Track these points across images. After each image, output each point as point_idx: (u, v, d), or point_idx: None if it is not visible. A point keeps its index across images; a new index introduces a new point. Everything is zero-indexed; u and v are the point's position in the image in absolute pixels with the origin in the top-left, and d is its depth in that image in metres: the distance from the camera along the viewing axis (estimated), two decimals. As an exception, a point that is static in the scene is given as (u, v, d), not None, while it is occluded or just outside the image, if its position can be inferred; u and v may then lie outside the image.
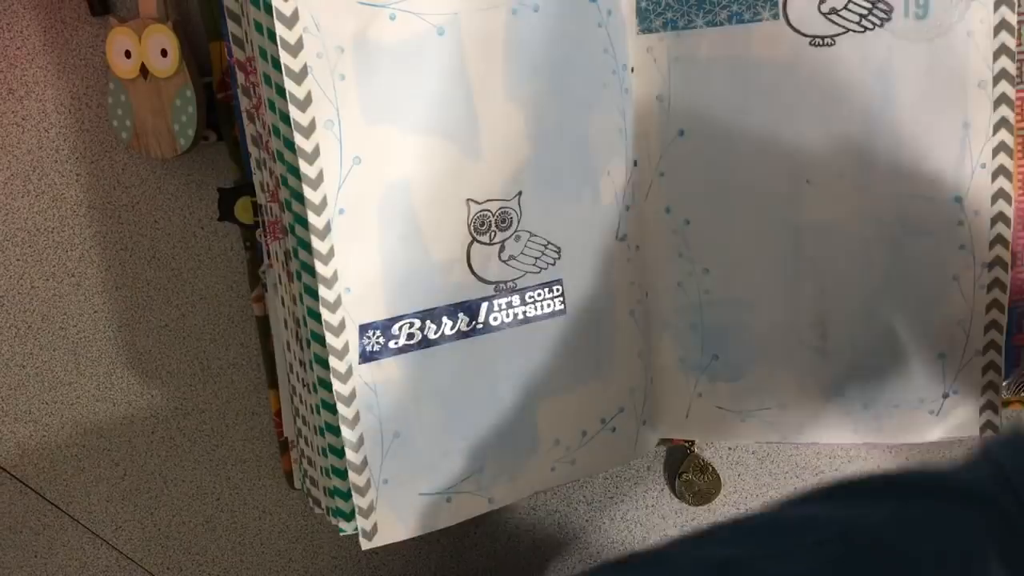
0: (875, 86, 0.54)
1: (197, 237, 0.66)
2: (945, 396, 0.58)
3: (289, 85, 0.48)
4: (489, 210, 0.53)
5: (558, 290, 0.56)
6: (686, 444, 0.68)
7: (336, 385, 0.51)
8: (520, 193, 0.54)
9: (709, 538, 0.42)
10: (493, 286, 0.55)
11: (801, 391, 0.59)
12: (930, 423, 0.58)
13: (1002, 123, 0.54)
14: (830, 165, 0.55)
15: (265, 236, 0.56)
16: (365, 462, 0.53)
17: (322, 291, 0.50)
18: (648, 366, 0.61)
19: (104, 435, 0.72)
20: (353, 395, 0.52)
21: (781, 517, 0.43)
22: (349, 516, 0.54)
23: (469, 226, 0.53)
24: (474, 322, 0.54)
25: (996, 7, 0.53)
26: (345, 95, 0.49)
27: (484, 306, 0.54)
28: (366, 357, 0.52)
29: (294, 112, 0.48)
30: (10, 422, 0.72)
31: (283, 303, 0.55)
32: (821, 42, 0.54)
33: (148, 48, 0.59)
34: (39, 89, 0.64)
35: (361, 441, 0.53)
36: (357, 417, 0.52)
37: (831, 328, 0.58)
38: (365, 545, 0.54)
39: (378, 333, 0.52)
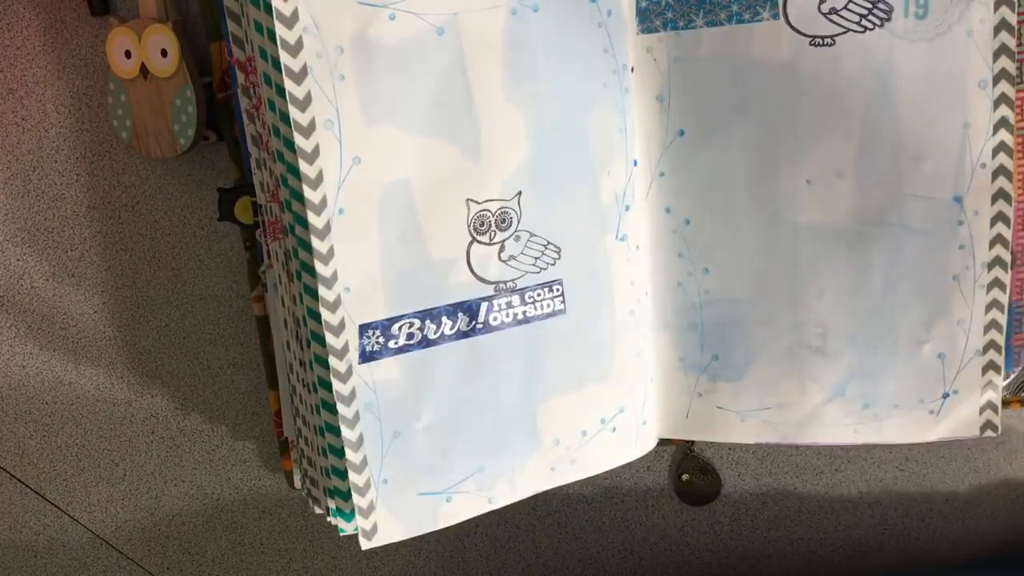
0: (875, 86, 0.54)
1: (197, 237, 0.66)
2: (945, 396, 0.58)
3: (289, 85, 0.48)
4: (489, 210, 0.53)
5: (558, 290, 0.56)
6: (686, 444, 0.68)
7: (336, 385, 0.51)
8: (520, 193, 0.54)
9: None
10: (493, 286, 0.55)
11: (801, 391, 0.59)
12: (930, 423, 0.58)
13: (1002, 123, 0.54)
14: (830, 165, 0.55)
15: (265, 236, 0.56)
16: (365, 462, 0.53)
17: (322, 291, 0.50)
18: (648, 366, 0.61)
19: (104, 435, 0.72)
20: (353, 395, 0.52)
21: None
22: (349, 516, 0.54)
23: (469, 226, 0.53)
24: (474, 322, 0.54)
25: (996, 7, 0.53)
26: (345, 95, 0.49)
27: (484, 306, 0.54)
28: (366, 357, 0.52)
29: (294, 112, 0.48)
30: (10, 422, 0.72)
31: (283, 303, 0.56)
32: (821, 42, 0.54)
33: (148, 48, 0.59)
34: (39, 89, 0.64)
35: (361, 441, 0.53)
36: (357, 417, 0.52)
37: (831, 328, 0.58)
38: (365, 545, 0.54)
39: (378, 333, 0.52)
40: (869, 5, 0.53)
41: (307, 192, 0.49)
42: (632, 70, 0.57)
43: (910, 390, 0.58)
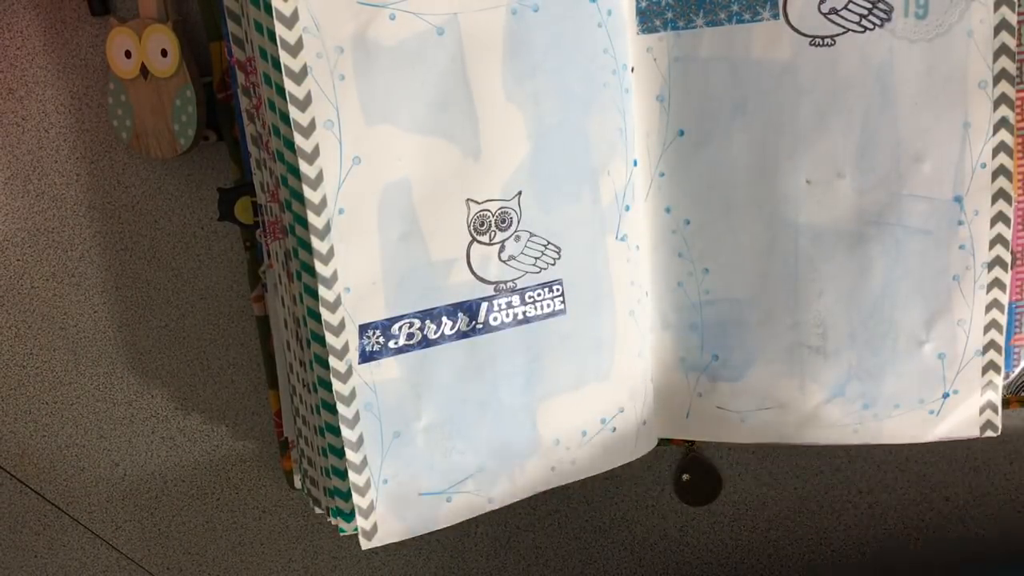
0: (875, 86, 0.54)
1: (197, 237, 0.66)
2: (945, 396, 0.58)
3: (289, 85, 0.48)
4: (489, 210, 0.53)
5: (558, 290, 0.56)
6: (686, 444, 0.68)
7: (336, 385, 0.51)
8: (520, 193, 0.54)
9: None
10: (493, 286, 0.55)
11: (801, 391, 0.59)
12: (930, 423, 0.58)
13: (1002, 123, 0.54)
14: (830, 165, 0.55)
15: (265, 236, 0.56)
16: (365, 462, 0.53)
17: (322, 291, 0.50)
18: (648, 366, 0.61)
19: (104, 435, 0.72)
20: (353, 395, 0.52)
21: None
22: (349, 516, 0.54)
23: (469, 226, 0.53)
24: (474, 322, 0.54)
25: (996, 7, 0.53)
26: (345, 95, 0.49)
27: (484, 306, 0.54)
28: (366, 357, 0.52)
29: (294, 112, 0.48)
30: (10, 422, 0.72)
31: (283, 303, 0.56)
32: (821, 42, 0.54)
33: (148, 48, 0.59)
34: (39, 89, 0.64)
35: (361, 441, 0.53)
36: (357, 417, 0.52)
37: (831, 328, 0.58)
38: (365, 545, 0.54)
39: (378, 333, 0.52)
40: (869, 5, 0.53)
41: (307, 192, 0.49)
42: (632, 70, 0.57)
43: (910, 390, 0.58)
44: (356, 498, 0.53)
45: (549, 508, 0.72)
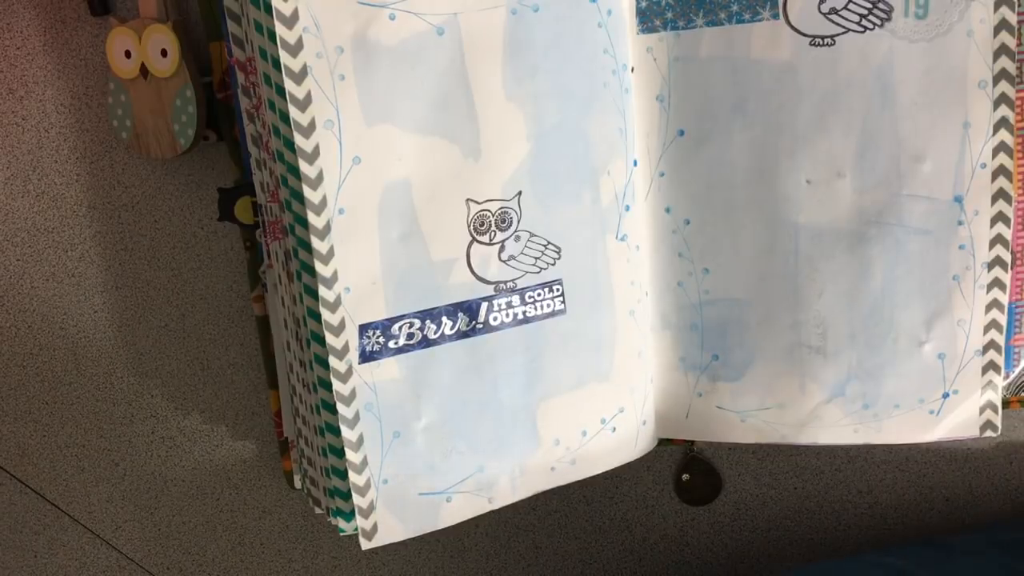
0: (875, 86, 0.54)
1: (197, 237, 0.66)
2: (945, 396, 0.58)
3: (289, 85, 0.48)
4: (489, 210, 0.54)
5: (558, 290, 0.56)
6: (686, 444, 0.68)
7: (336, 385, 0.51)
8: (520, 193, 0.54)
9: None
10: (493, 286, 0.55)
11: (801, 391, 0.59)
12: (930, 423, 0.58)
13: (1002, 123, 0.54)
14: (830, 165, 0.56)
15: (265, 236, 0.56)
16: (365, 462, 0.53)
17: (322, 291, 0.50)
18: (648, 366, 0.61)
19: (104, 435, 0.72)
20: (353, 395, 0.52)
21: None
22: (349, 516, 0.54)
23: (469, 226, 0.53)
24: (474, 322, 0.54)
25: (996, 7, 0.53)
26: (345, 95, 0.49)
27: (484, 306, 0.54)
28: (366, 357, 0.52)
29: (294, 112, 0.48)
30: (10, 422, 0.72)
31: (283, 303, 0.56)
32: (821, 42, 0.54)
33: (148, 48, 0.59)
34: (39, 89, 0.64)
35: (361, 441, 0.53)
36: (357, 417, 0.52)
37: (831, 328, 0.58)
38: (365, 545, 0.54)
39: (378, 333, 0.52)
40: (869, 5, 0.53)
41: (307, 192, 0.49)
42: (632, 70, 0.57)
43: (910, 390, 0.58)
44: (356, 498, 0.53)
45: (549, 508, 0.72)
